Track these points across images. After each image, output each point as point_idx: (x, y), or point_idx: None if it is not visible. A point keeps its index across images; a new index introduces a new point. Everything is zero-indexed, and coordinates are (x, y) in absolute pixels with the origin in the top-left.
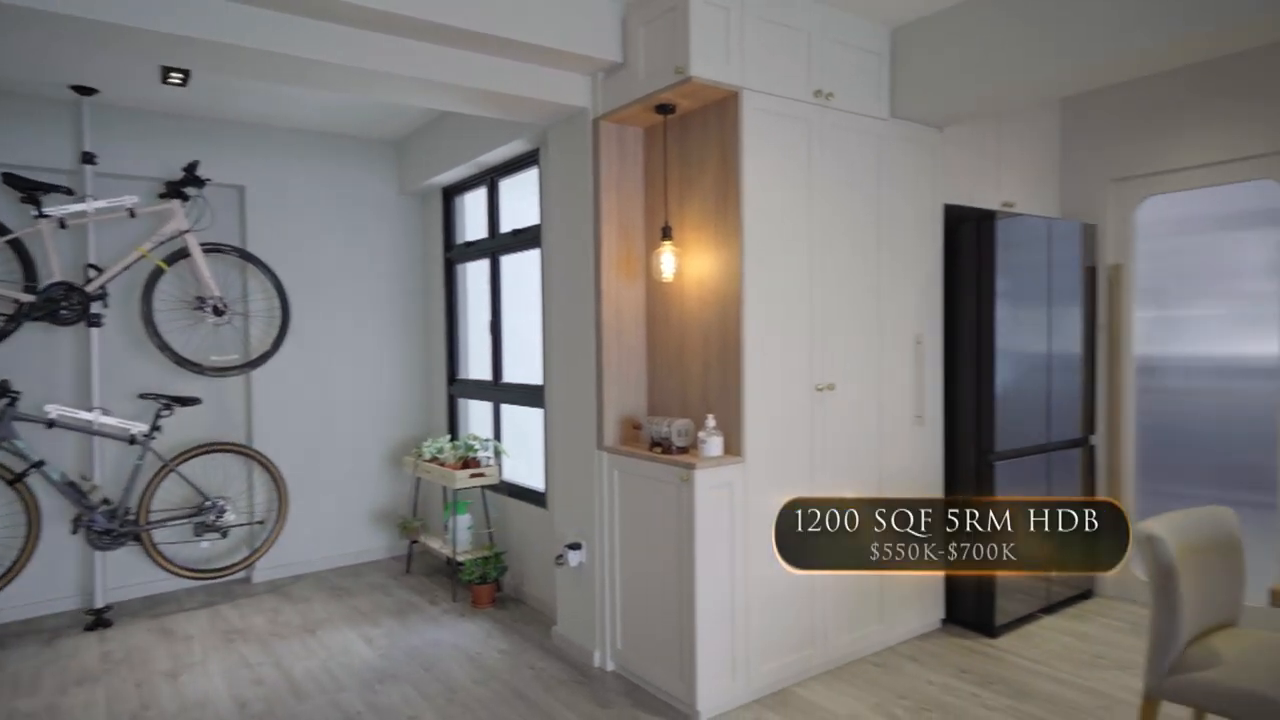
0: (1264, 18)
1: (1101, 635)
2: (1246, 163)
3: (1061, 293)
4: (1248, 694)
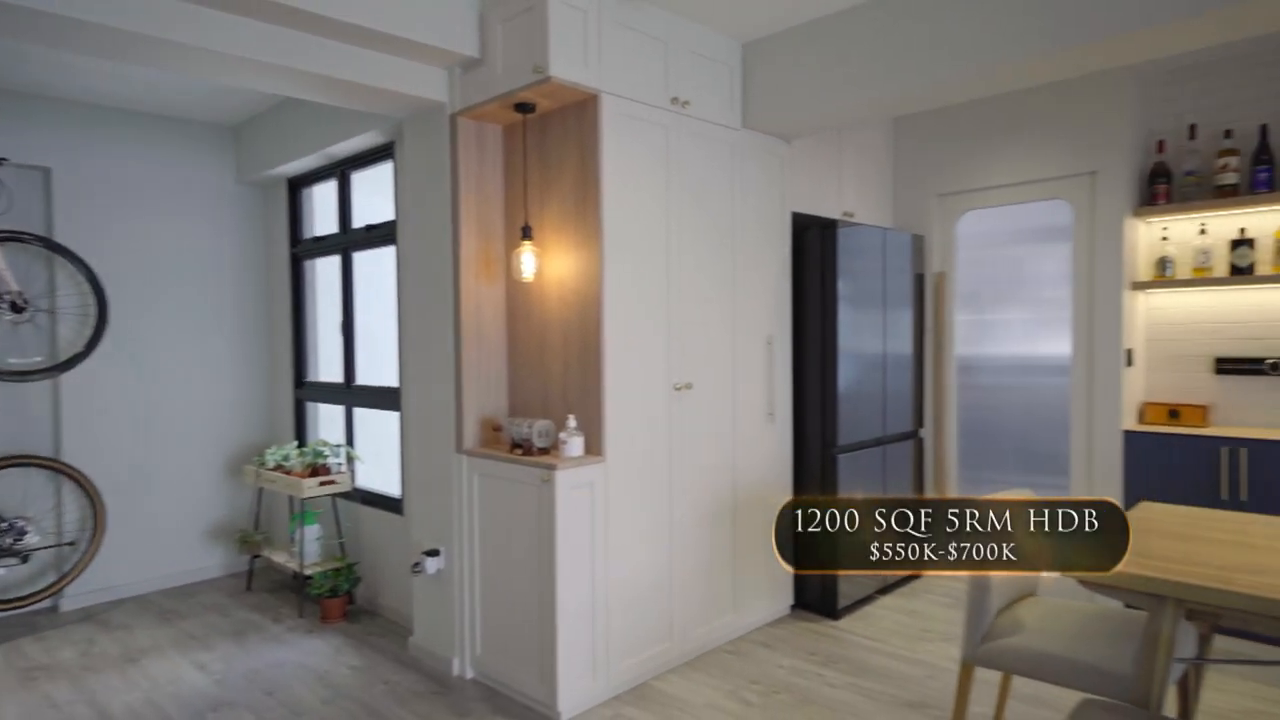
0: (1059, 55)
1: (929, 611)
2: (1045, 184)
3: (895, 297)
4: (1045, 655)
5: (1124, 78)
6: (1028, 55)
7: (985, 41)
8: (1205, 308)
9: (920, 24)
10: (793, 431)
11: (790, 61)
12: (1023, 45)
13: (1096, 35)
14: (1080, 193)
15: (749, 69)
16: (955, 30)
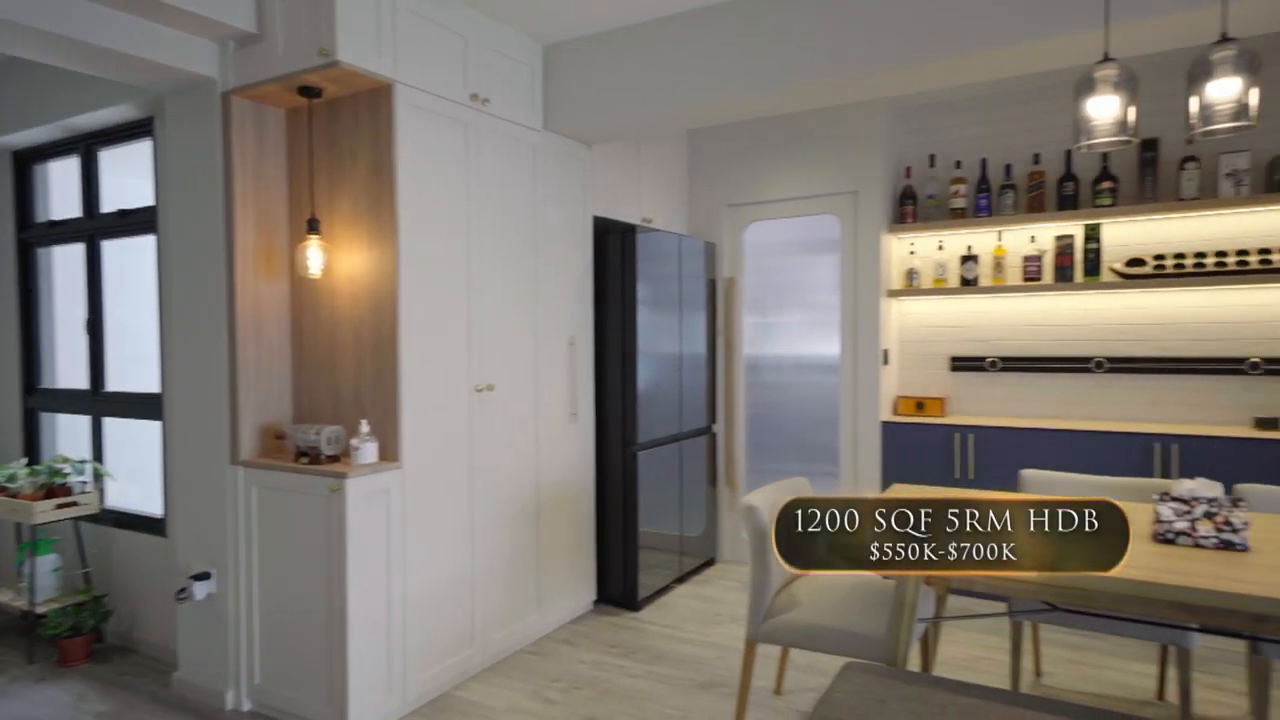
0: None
1: (721, 595)
2: (818, 199)
3: (690, 301)
4: (816, 627)
5: (882, 109)
6: (805, 81)
7: (770, 66)
8: (943, 313)
9: (712, 45)
10: (595, 430)
11: (589, 67)
12: (802, 72)
13: (865, 69)
14: (846, 209)
15: (550, 71)
16: (744, 53)
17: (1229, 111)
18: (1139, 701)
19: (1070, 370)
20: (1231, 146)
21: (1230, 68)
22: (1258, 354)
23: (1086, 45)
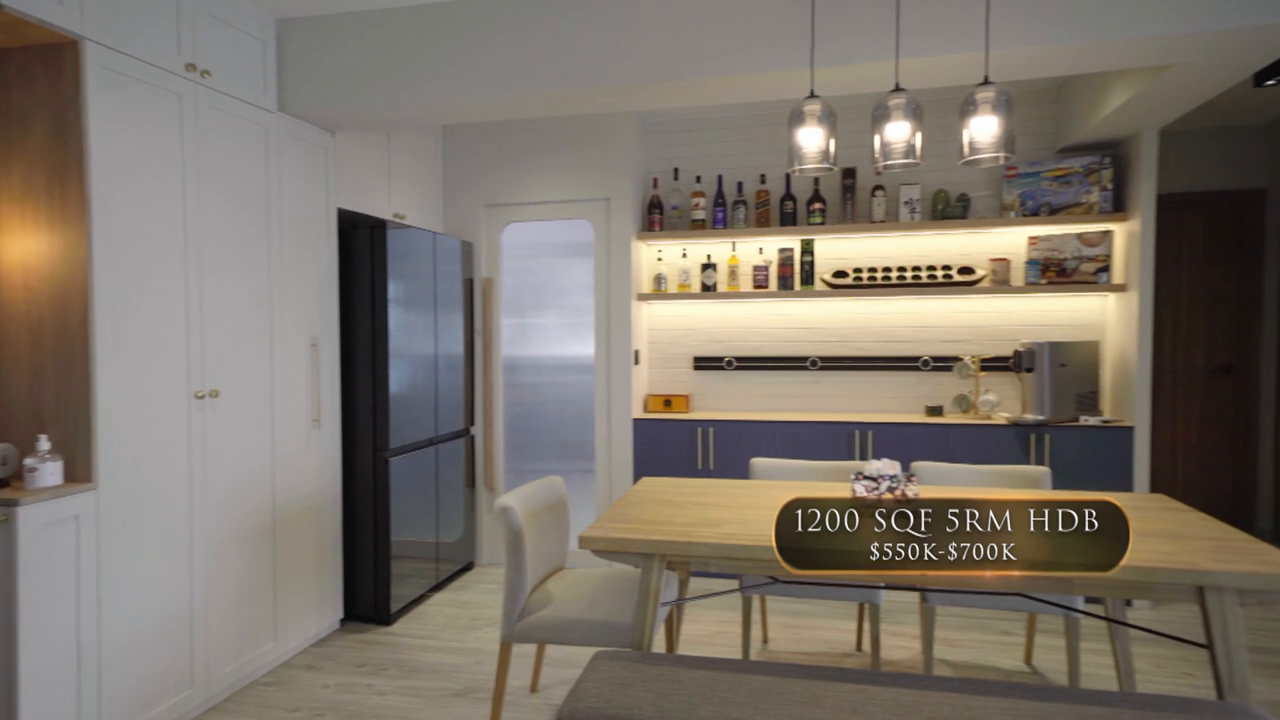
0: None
1: (479, 600)
2: (572, 204)
3: (446, 301)
4: (569, 620)
5: (632, 122)
6: (555, 88)
7: (522, 69)
8: (687, 317)
9: (466, 41)
10: (342, 437)
11: (331, 48)
12: (553, 80)
13: (611, 82)
14: (599, 215)
15: (285, 47)
16: (497, 54)
17: (902, 150)
18: (842, 654)
19: (792, 368)
20: (907, 179)
21: (901, 113)
22: (929, 354)
23: (797, 83)
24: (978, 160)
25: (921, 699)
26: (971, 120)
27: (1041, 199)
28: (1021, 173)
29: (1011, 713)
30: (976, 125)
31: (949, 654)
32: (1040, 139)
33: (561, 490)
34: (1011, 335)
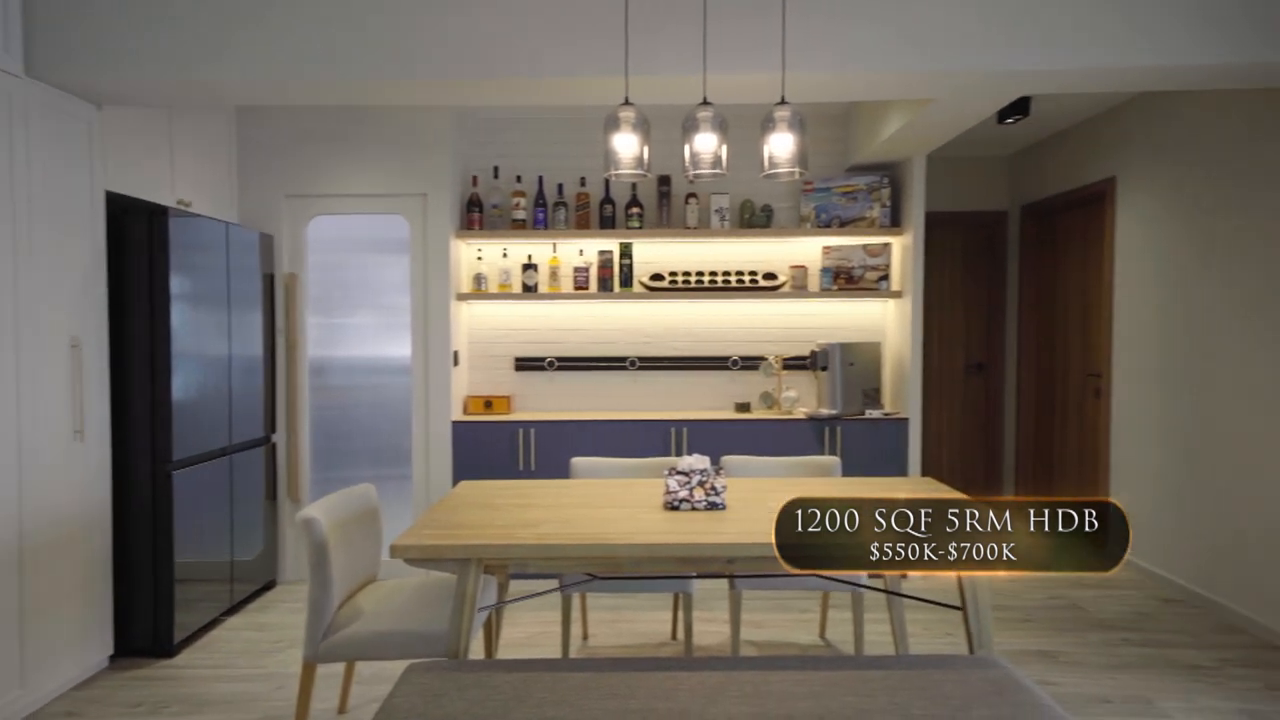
0: (390, 82)
1: (281, 621)
2: (386, 199)
3: (242, 298)
4: (379, 634)
5: (450, 117)
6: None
7: (325, 52)
8: (508, 317)
9: (260, 16)
10: (113, 450)
11: (96, 7)
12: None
13: (420, 74)
14: (415, 211)
15: (33, 5)
16: (297, 32)
17: (710, 160)
18: (659, 644)
19: (612, 369)
20: (718, 189)
21: (709, 126)
22: (738, 354)
23: (612, 89)
24: (776, 174)
25: (727, 680)
26: (771, 137)
27: (833, 212)
28: (817, 188)
29: (804, 684)
30: (775, 141)
31: (755, 635)
32: (833, 158)
33: (373, 498)
34: (810, 336)
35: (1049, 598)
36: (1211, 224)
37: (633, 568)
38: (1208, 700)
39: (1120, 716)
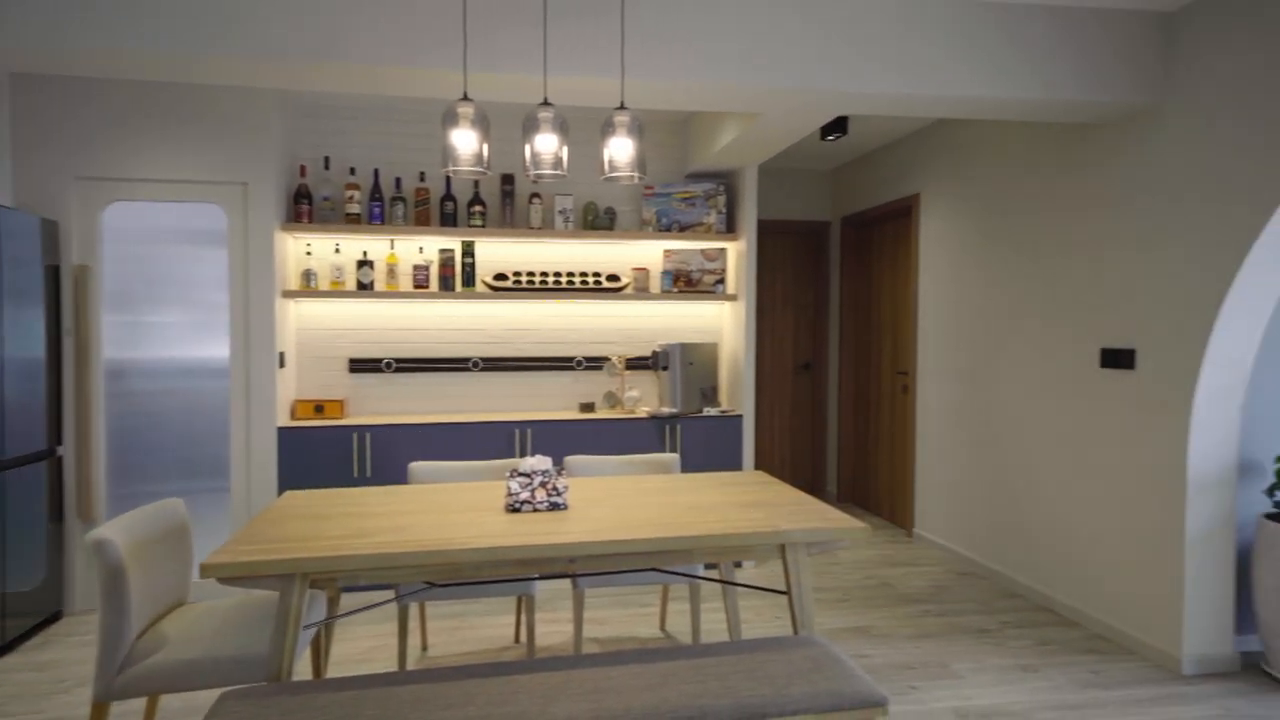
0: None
1: (67, 657)
2: (199, 186)
3: (18, 292)
4: (185, 663)
5: (274, 101)
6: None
7: (123, 18)
8: (342, 316)
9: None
10: None
11: None
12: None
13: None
14: (233, 201)
15: None
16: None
17: (550, 161)
18: (502, 648)
19: (454, 369)
20: (562, 190)
21: (549, 126)
22: (582, 354)
23: (451, 83)
24: (617, 178)
25: (567, 679)
26: (611, 140)
27: (673, 217)
28: (657, 192)
29: (643, 676)
30: (615, 145)
31: (598, 631)
32: (672, 164)
33: (181, 514)
34: (651, 337)
35: (865, 578)
36: (992, 239)
37: (473, 573)
38: (992, 660)
39: (922, 680)
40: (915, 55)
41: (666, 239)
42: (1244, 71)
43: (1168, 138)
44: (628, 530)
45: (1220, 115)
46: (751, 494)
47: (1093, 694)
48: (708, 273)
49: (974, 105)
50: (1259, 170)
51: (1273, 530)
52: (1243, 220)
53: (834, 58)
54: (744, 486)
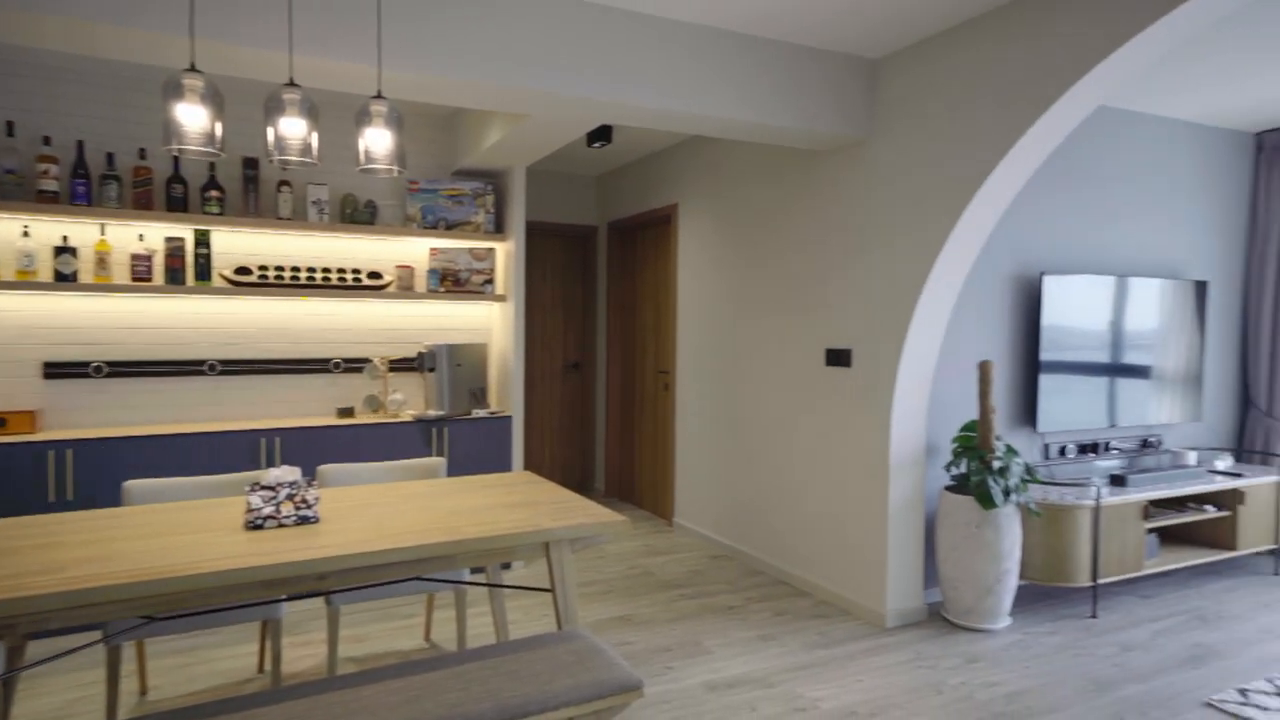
0: None
1: None
2: None
3: None
4: None
5: None
6: None
7: None
8: (32, 312)
9: None
10: None
11: None
12: None
13: None
14: None
15: None
16: None
17: (298, 147)
18: (243, 680)
19: (185, 374)
20: (316, 179)
21: (296, 109)
22: (340, 356)
23: (177, 50)
24: (374, 170)
25: (313, 705)
26: (367, 130)
27: (440, 214)
28: (423, 188)
29: (401, 691)
30: (371, 136)
31: (356, 650)
32: (439, 159)
33: None
34: (417, 338)
35: (628, 569)
36: (739, 249)
37: (201, 601)
38: (738, 633)
39: (678, 659)
40: (673, 74)
41: (433, 237)
42: (932, 110)
43: (875, 165)
44: (387, 540)
45: (912, 147)
46: (517, 494)
47: (819, 654)
48: (476, 272)
49: (724, 125)
50: (943, 194)
51: (950, 500)
52: (930, 238)
53: (599, 68)
54: (510, 488)
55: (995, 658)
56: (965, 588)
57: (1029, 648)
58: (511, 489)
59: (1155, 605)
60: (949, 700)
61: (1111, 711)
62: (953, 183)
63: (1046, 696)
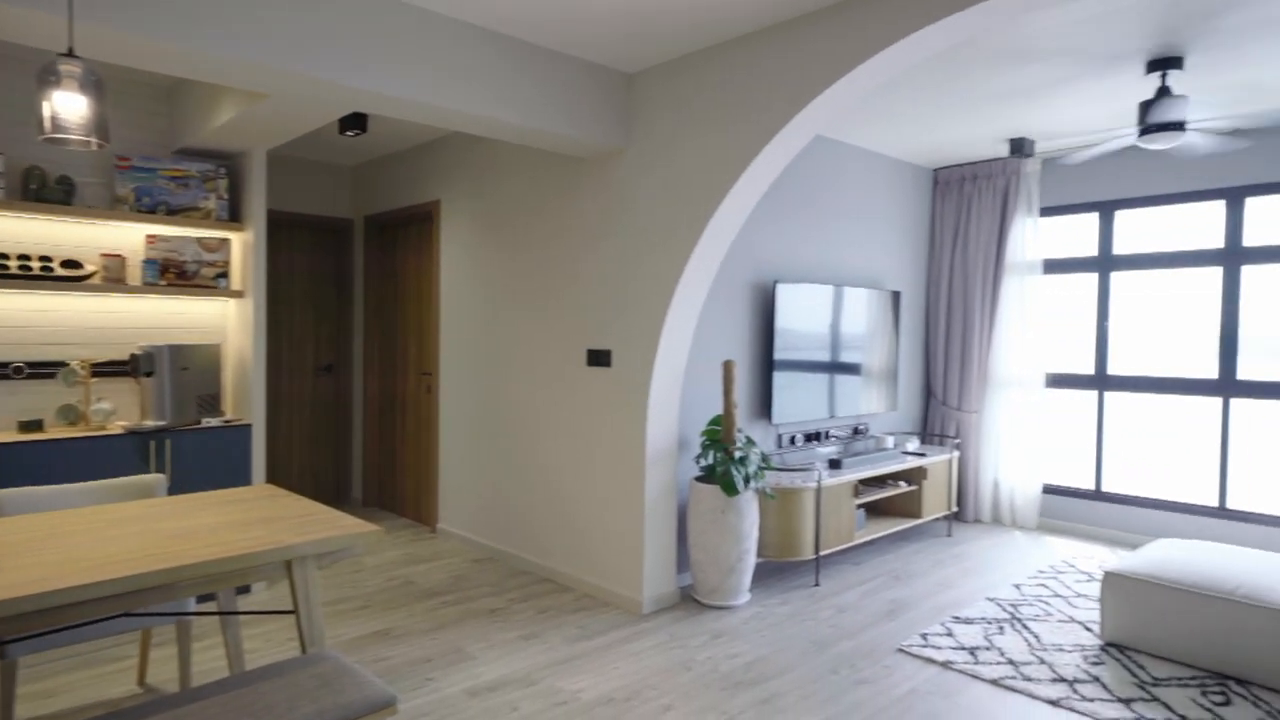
0: None
1: None
2: None
3: None
4: None
5: None
6: None
7: None
8: None
9: None
10: None
11: None
12: None
13: None
14: None
15: None
16: None
17: None
18: None
19: None
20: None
21: None
22: (24, 359)
23: None
24: (65, 140)
25: None
26: (54, 94)
27: (160, 197)
28: (136, 166)
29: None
30: (61, 101)
31: (46, 707)
32: (156, 135)
33: None
34: (130, 338)
35: (387, 580)
36: (502, 249)
37: None
38: (501, 635)
39: (439, 669)
40: (431, 67)
41: (151, 223)
42: (682, 125)
43: (631, 174)
44: (83, 574)
45: (664, 159)
46: (256, 511)
47: (579, 646)
48: (207, 265)
49: (484, 124)
50: (691, 205)
51: (699, 489)
52: (680, 246)
53: (344, 51)
54: (247, 504)
55: (737, 631)
56: (711, 569)
57: (765, 619)
58: (248, 505)
59: (863, 570)
60: (697, 675)
61: (829, 667)
62: (700, 194)
63: (778, 661)
